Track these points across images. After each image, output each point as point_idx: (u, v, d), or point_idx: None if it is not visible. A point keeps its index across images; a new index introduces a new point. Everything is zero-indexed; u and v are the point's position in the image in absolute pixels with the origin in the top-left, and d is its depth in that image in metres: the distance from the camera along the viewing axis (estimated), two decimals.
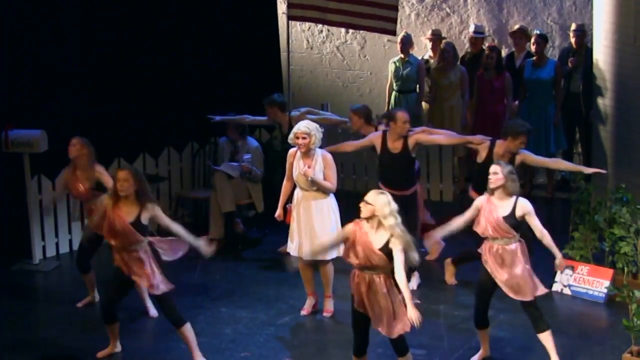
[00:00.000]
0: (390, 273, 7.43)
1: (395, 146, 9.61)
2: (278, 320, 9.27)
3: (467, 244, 9.27)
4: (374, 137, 9.82)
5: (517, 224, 8.02)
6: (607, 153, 10.77)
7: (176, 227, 8.26)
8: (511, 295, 8.04)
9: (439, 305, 9.50)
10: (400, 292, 7.40)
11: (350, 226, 7.61)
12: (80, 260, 9.54)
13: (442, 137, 9.90)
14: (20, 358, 8.59)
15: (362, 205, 7.47)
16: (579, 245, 9.79)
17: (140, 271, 8.16)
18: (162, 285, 8.21)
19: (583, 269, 9.69)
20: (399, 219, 7.42)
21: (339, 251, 9.07)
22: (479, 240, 8.24)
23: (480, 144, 9.49)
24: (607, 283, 9.49)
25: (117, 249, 8.22)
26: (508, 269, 7.99)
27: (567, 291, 9.69)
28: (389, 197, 7.47)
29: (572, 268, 9.71)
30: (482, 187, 8.41)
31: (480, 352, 8.40)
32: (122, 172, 8.18)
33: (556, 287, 9.75)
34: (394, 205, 7.44)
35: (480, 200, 8.13)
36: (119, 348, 8.60)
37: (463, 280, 9.83)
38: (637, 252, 9.47)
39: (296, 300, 9.60)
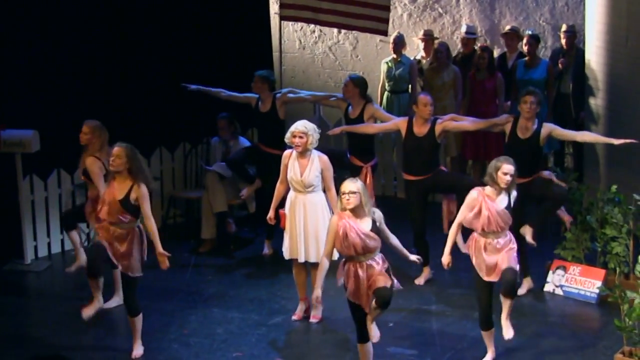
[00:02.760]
0: (379, 253, 7.64)
1: (420, 131, 9.72)
2: (270, 320, 9.26)
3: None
4: (400, 122, 9.92)
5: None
6: (599, 153, 10.79)
7: (152, 222, 8.34)
8: (490, 277, 8.07)
9: (430, 306, 9.50)
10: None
11: (334, 220, 7.69)
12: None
13: (467, 123, 9.99)
14: (13, 358, 8.56)
15: (345, 196, 7.55)
16: (571, 245, 9.80)
17: (122, 249, 8.28)
18: (137, 270, 8.35)
19: (575, 269, 9.70)
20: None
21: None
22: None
23: (506, 123, 9.59)
24: (599, 283, 9.50)
25: (104, 224, 8.34)
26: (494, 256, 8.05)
27: (559, 291, 9.70)
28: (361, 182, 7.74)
29: (564, 268, 9.71)
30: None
31: (488, 355, 8.32)
32: (117, 149, 8.43)
33: (548, 287, 9.76)
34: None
35: (474, 196, 8.08)
36: (102, 302, 8.57)
37: (456, 280, 9.83)
38: (629, 253, 9.48)
39: (288, 301, 9.59)
